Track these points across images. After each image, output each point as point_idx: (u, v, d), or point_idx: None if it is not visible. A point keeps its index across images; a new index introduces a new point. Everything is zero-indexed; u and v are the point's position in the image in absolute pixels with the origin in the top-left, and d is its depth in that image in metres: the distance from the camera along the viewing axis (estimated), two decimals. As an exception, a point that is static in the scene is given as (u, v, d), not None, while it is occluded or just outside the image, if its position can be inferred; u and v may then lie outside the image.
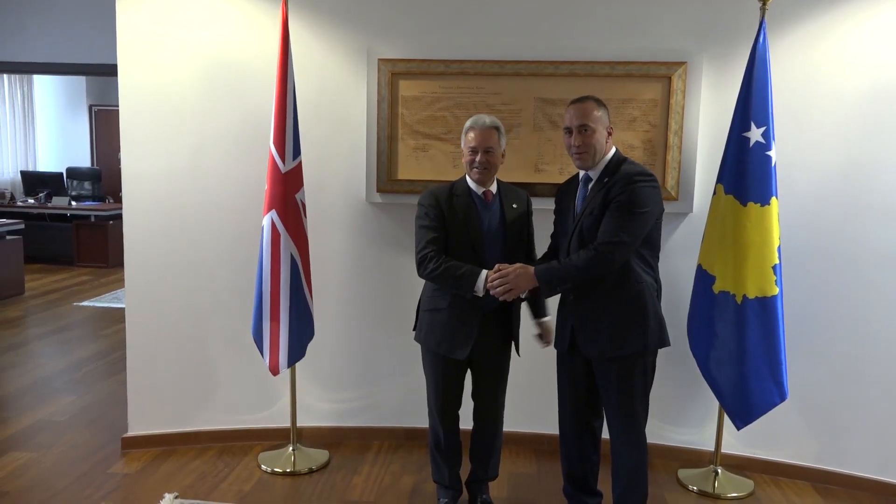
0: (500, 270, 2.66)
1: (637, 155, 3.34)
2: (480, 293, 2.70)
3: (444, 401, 2.93)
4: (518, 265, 2.66)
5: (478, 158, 2.76)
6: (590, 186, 2.70)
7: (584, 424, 2.87)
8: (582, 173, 2.75)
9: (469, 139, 2.79)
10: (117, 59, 3.41)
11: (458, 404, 2.97)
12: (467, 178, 2.86)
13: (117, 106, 3.45)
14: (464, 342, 2.79)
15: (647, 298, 2.64)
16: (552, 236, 2.94)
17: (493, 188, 2.86)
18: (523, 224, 2.91)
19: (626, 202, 2.55)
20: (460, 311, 2.79)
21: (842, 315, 3.32)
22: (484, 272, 2.69)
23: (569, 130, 2.67)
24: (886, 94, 3.17)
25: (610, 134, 2.68)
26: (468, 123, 2.82)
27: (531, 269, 2.63)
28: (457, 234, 2.79)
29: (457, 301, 2.78)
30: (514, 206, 2.88)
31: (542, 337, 3.03)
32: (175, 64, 3.44)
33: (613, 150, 2.71)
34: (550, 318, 2.98)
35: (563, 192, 2.87)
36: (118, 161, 3.61)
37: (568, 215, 2.78)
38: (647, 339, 2.65)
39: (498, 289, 2.63)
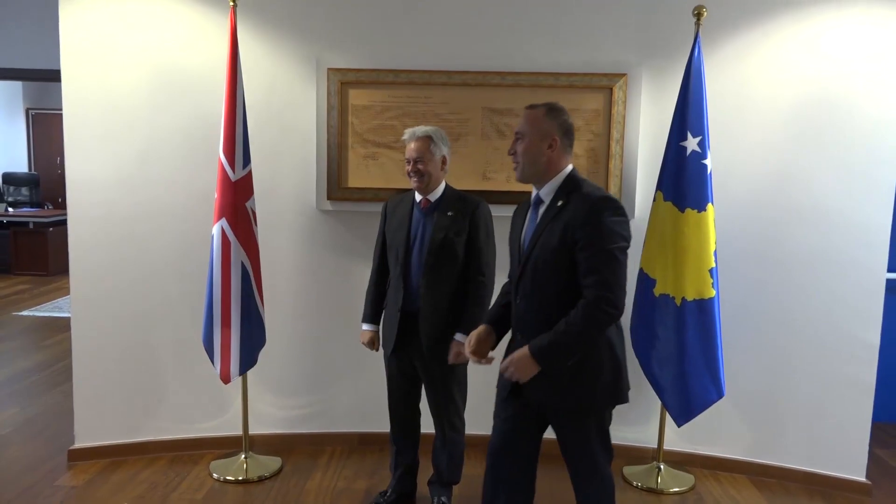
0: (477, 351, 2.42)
1: (581, 163, 3.43)
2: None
3: (391, 397, 3.09)
4: (515, 354, 2.22)
5: (410, 168, 2.88)
6: (541, 211, 2.29)
7: (509, 476, 2.39)
8: (533, 194, 2.34)
9: (406, 151, 2.91)
10: (60, 63, 3.36)
11: (406, 403, 3.07)
12: None
13: (56, 110, 3.44)
14: (389, 339, 2.98)
15: (601, 345, 2.23)
16: None
17: (434, 196, 2.92)
18: (456, 233, 2.84)
19: (602, 238, 2.13)
20: (389, 311, 2.99)
21: (773, 314, 3.47)
22: (364, 326, 3.09)
23: None
24: (812, 107, 3.34)
25: (551, 147, 2.26)
26: (405, 136, 2.93)
27: (527, 351, 2.19)
28: (390, 241, 2.99)
29: (388, 301, 3.00)
30: (450, 213, 2.87)
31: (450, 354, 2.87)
32: (121, 69, 3.41)
33: (569, 168, 2.30)
34: (461, 338, 2.82)
35: (515, 216, 2.46)
36: (58, 166, 3.53)
37: (515, 245, 2.40)
38: (595, 393, 2.24)
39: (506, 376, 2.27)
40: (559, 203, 2.24)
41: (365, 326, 3.08)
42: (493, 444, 2.40)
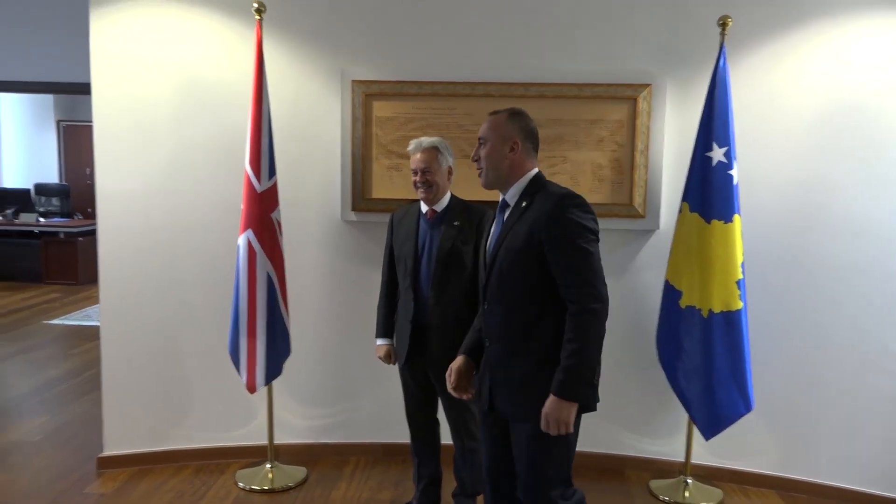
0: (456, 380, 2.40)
1: (605, 174, 3.43)
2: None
3: (407, 405, 3.10)
4: (545, 409, 2.09)
5: (418, 178, 2.89)
6: (506, 215, 2.25)
7: (504, 497, 2.37)
8: (500, 199, 2.29)
9: (412, 162, 2.91)
10: (91, 77, 3.42)
11: (423, 412, 3.08)
12: None
13: (86, 122, 3.50)
14: (401, 350, 2.98)
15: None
16: None
17: (440, 206, 2.93)
18: (463, 242, 2.86)
19: (570, 234, 2.09)
20: (400, 323, 3.00)
21: (801, 325, 3.42)
22: (378, 341, 3.07)
23: None
24: (839, 116, 3.30)
25: (513, 150, 2.21)
26: (410, 147, 2.93)
27: (553, 398, 2.07)
28: (398, 253, 2.99)
29: (399, 313, 3.00)
30: (456, 223, 2.88)
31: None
32: (149, 82, 3.46)
33: (535, 170, 2.26)
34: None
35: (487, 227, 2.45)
36: (87, 177, 3.60)
37: (481, 252, 2.37)
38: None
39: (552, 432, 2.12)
40: (523, 204, 2.19)
41: (380, 341, 3.08)
42: (486, 462, 2.39)
